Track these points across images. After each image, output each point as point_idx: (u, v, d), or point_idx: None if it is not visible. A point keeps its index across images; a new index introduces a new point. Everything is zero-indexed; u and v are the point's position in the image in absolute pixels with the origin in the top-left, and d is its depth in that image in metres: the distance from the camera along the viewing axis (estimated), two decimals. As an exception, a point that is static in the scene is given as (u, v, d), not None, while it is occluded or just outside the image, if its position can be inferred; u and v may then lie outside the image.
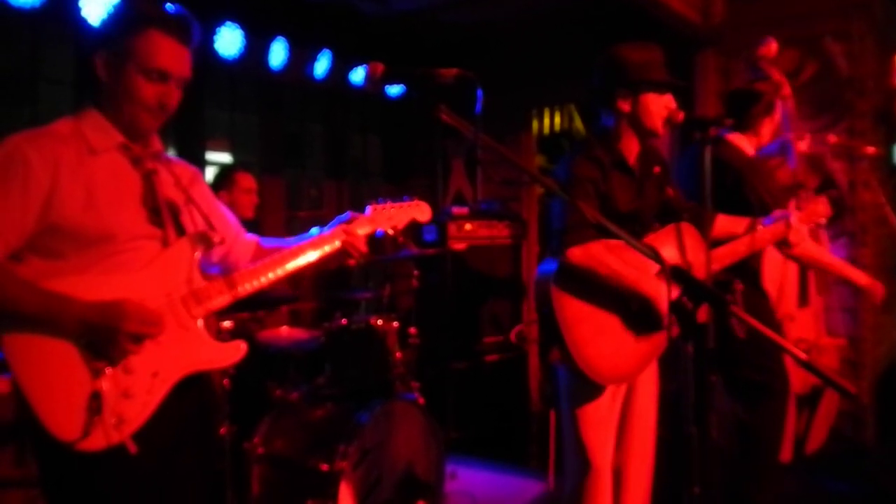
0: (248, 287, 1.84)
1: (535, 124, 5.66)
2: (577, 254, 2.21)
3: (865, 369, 4.24)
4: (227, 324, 2.86)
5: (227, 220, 2.04)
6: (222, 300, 1.80)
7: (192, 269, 1.79)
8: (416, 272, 3.90)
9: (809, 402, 3.40)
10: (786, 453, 3.37)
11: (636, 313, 2.30)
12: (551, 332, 2.25)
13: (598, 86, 2.42)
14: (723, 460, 3.41)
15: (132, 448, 1.61)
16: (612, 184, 2.37)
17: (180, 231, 1.81)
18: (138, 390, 1.64)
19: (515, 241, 5.13)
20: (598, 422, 2.40)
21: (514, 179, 5.26)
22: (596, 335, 2.27)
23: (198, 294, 1.77)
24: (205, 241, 1.82)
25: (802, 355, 1.41)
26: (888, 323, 4.51)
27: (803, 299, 3.38)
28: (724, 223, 2.73)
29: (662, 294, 2.03)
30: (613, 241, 2.08)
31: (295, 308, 4.82)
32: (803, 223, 2.78)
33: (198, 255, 1.81)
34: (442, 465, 3.17)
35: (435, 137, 5.71)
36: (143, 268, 1.72)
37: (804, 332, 3.38)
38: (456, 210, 4.85)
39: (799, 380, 3.29)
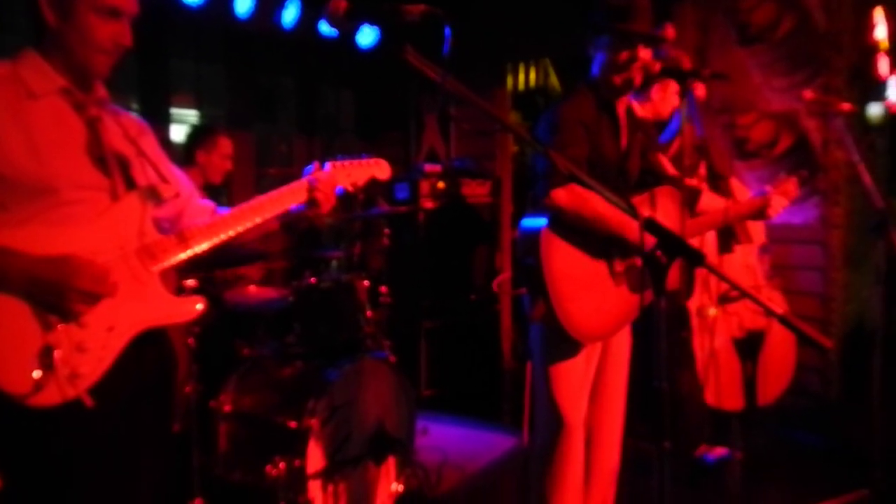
0: (201, 243, 1.76)
1: (509, 80, 5.56)
2: (562, 195, 2.18)
3: (834, 327, 4.30)
4: (190, 282, 2.78)
5: (179, 178, 1.95)
6: (175, 255, 1.73)
7: (145, 222, 1.72)
8: (386, 230, 3.84)
9: (750, 349, 3.46)
10: (734, 401, 3.43)
11: (617, 273, 2.29)
12: (536, 286, 2.22)
13: (585, 29, 2.35)
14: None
15: (88, 401, 1.56)
16: (600, 131, 2.33)
17: (130, 184, 1.73)
18: (93, 345, 1.59)
19: (489, 199, 5.08)
20: (571, 379, 2.39)
21: (485, 130, 5.18)
22: (579, 291, 2.26)
23: (150, 248, 1.70)
24: (155, 195, 1.74)
25: (778, 309, 1.39)
26: (857, 281, 4.55)
27: (725, 246, 3.42)
28: (706, 198, 2.75)
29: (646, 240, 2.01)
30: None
31: (266, 267, 4.74)
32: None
33: (150, 208, 1.73)
34: (413, 421, 3.17)
35: (409, 92, 5.62)
36: (92, 220, 1.64)
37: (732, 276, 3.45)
38: (428, 167, 4.78)
39: (728, 327, 3.37)
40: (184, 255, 1.74)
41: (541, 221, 2.25)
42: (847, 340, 4.40)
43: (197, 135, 3.63)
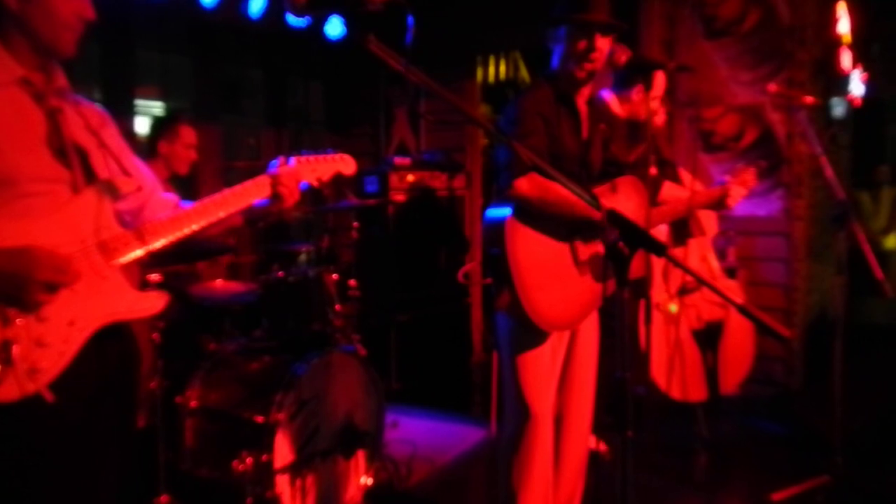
0: (160, 239, 1.74)
1: (479, 72, 5.56)
2: (524, 184, 2.19)
3: (797, 317, 4.37)
4: (154, 276, 2.73)
5: (141, 170, 1.92)
6: (133, 251, 1.70)
7: (105, 216, 1.69)
8: (355, 224, 3.82)
9: (710, 339, 3.53)
10: (698, 392, 3.49)
11: (582, 262, 2.30)
12: (501, 276, 2.23)
13: (544, 21, 2.36)
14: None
15: (49, 396, 1.54)
16: (560, 122, 2.34)
17: (90, 176, 1.70)
18: (53, 339, 1.56)
19: (459, 192, 5.08)
20: (538, 369, 2.40)
21: (449, 121, 5.17)
22: (544, 281, 2.27)
23: (110, 243, 1.67)
24: (114, 189, 1.71)
25: (738, 300, 1.41)
26: (820, 272, 4.64)
27: (679, 240, 3.47)
28: (668, 188, 2.77)
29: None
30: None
31: (234, 261, 4.70)
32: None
33: (110, 202, 1.70)
34: (382, 414, 3.16)
35: (379, 85, 5.58)
36: (53, 213, 1.62)
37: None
38: (398, 160, 4.76)
39: (687, 319, 3.44)
40: (142, 251, 1.72)
41: (505, 211, 2.25)
42: (810, 330, 4.48)
43: (159, 125, 3.57)
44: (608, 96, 3.16)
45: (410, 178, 4.74)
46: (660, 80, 3.12)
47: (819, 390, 3.52)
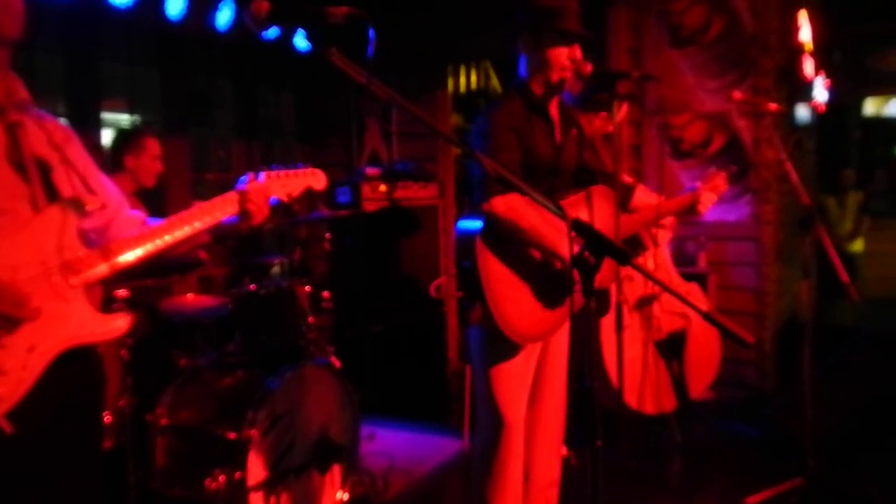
0: (127, 257, 1.70)
1: (451, 82, 5.57)
2: (500, 204, 2.18)
3: (768, 320, 4.43)
4: (122, 292, 2.69)
5: (107, 188, 1.88)
6: (98, 271, 1.66)
7: (68, 236, 1.64)
8: (327, 235, 3.80)
9: (673, 349, 3.57)
10: (669, 402, 3.52)
11: (553, 274, 2.30)
12: (473, 288, 2.23)
13: (511, 30, 2.37)
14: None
15: (7, 427, 1.49)
16: (532, 132, 2.34)
17: (52, 192, 1.66)
18: (12, 366, 1.51)
19: (432, 201, 5.07)
20: (511, 379, 2.40)
21: (416, 133, 5.21)
22: (515, 293, 2.27)
23: (73, 263, 1.63)
24: (79, 207, 1.67)
25: (703, 307, 1.42)
26: (789, 275, 4.70)
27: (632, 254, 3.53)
28: (639, 195, 2.78)
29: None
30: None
31: (206, 274, 4.64)
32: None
33: (73, 220, 1.66)
34: (357, 427, 3.13)
35: (349, 95, 5.57)
36: (13, 234, 1.57)
37: (647, 285, 3.56)
38: (370, 171, 4.74)
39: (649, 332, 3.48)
40: (106, 270, 1.68)
41: (477, 224, 2.25)
42: (782, 333, 4.54)
43: (123, 139, 3.52)
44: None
45: (383, 188, 4.73)
46: (624, 107, 3.16)
47: (791, 392, 3.57)
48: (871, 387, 4.44)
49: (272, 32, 4.57)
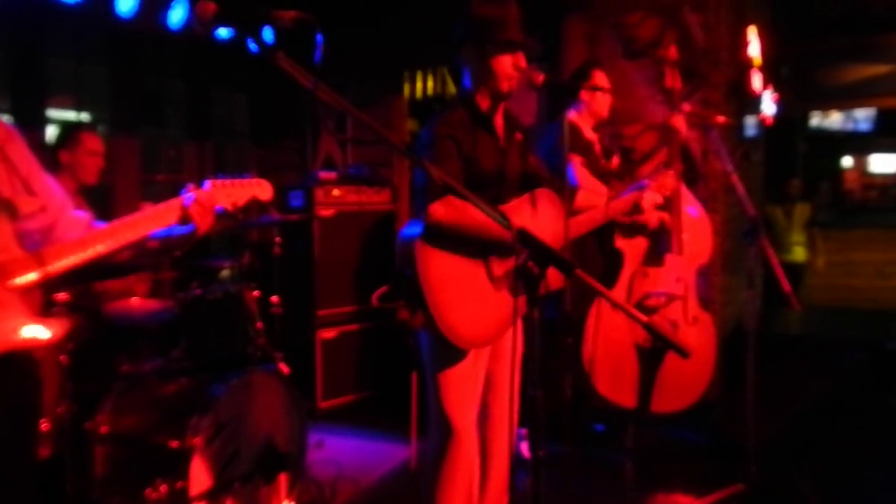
0: (60, 263, 1.65)
1: (407, 88, 5.56)
2: (439, 209, 2.18)
3: (715, 329, 4.50)
4: (62, 296, 2.60)
5: (50, 188, 1.82)
6: (30, 277, 1.61)
7: (2, 238, 1.59)
8: (277, 239, 3.75)
9: (653, 358, 3.58)
10: (628, 399, 3.53)
11: (495, 278, 2.30)
12: (415, 296, 2.21)
13: (453, 42, 2.37)
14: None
15: None
16: (476, 144, 2.34)
17: None
18: (-60, 372, 1.46)
19: (386, 207, 5.05)
20: (460, 385, 2.39)
21: (366, 139, 5.18)
22: (458, 298, 2.26)
23: (6, 267, 1.58)
24: (11, 209, 1.62)
25: (642, 317, 1.43)
26: (735, 285, 4.81)
27: (655, 259, 3.53)
28: (584, 196, 2.81)
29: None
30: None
31: (154, 278, 4.54)
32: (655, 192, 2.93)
33: (7, 223, 1.61)
34: (305, 435, 3.09)
35: (304, 98, 5.52)
36: None
37: (658, 286, 3.52)
38: (324, 175, 4.70)
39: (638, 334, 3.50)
40: (39, 276, 1.62)
41: (417, 230, 2.24)
42: (728, 341, 4.63)
43: (58, 137, 3.42)
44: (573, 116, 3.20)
45: (336, 192, 4.69)
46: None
47: (736, 400, 3.64)
48: (813, 394, 4.56)
49: (225, 33, 4.51)
